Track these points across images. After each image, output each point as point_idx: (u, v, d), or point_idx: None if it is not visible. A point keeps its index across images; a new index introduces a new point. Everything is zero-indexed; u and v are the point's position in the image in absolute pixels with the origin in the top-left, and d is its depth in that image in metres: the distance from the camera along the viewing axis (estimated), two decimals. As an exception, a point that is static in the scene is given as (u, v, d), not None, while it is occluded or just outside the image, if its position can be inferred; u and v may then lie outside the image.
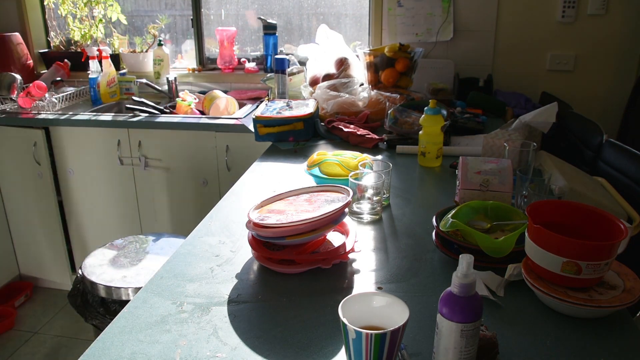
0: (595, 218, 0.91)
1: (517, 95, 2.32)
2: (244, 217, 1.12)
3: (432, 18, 2.47)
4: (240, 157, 2.20)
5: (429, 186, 1.50)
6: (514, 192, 1.19)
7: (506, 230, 1.07)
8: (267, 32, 2.65)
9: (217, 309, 0.88)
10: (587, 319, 0.84)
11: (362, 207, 1.22)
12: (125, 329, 0.83)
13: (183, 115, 2.37)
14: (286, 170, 1.58)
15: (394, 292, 0.93)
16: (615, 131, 2.39)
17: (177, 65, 2.92)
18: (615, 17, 2.32)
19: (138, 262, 1.60)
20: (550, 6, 2.36)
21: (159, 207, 2.38)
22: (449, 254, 1.03)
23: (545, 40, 2.41)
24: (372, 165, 1.34)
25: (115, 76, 2.64)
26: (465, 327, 0.66)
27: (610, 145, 1.65)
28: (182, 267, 1.02)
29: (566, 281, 0.84)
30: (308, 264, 0.99)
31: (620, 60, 2.38)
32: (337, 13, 2.73)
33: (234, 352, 0.77)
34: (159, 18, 2.83)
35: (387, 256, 1.06)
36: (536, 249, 0.86)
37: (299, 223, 0.96)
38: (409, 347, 0.78)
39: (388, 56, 2.25)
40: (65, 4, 2.84)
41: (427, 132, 1.56)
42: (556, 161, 1.54)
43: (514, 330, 0.82)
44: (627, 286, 0.86)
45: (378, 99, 2.07)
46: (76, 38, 2.89)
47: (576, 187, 1.34)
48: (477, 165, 1.22)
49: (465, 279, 0.66)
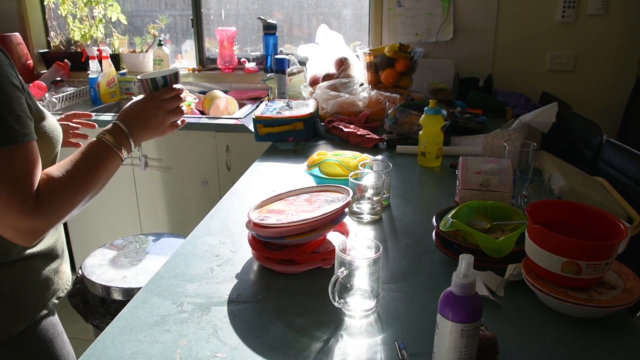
0: (595, 218, 0.91)
1: (517, 95, 2.32)
2: (244, 217, 1.12)
3: (432, 18, 2.47)
4: (240, 157, 2.20)
5: (429, 186, 1.50)
6: (514, 192, 1.19)
7: (506, 230, 1.07)
8: (267, 32, 2.65)
9: (217, 309, 0.88)
10: (587, 319, 0.84)
11: (362, 207, 1.22)
12: (125, 329, 0.83)
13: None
14: (286, 170, 1.58)
15: (394, 292, 0.93)
16: (615, 131, 2.39)
17: (177, 65, 2.92)
18: (615, 17, 2.32)
19: (138, 262, 1.60)
20: (550, 6, 2.36)
21: (159, 207, 2.38)
22: (449, 254, 1.03)
23: (545, 40, 2.41)
24: (372, 165, 1.34)
25: (115, 76, 2.64)
26: (465, 327, 0.66)
27: (610, 145, 1.65)
28: (182, 267, 1.02)
29: (566, 281, 0.84)
30: (308, 264, 0.99)
31: (620, 60, 2.38)
32: (337, 13, 2.73)
33: (234, 352, 0.77)
34: (159, 18, 2.83)
35: (387, 256, 1.06)
36: (536, 249, 0.86)
37: (299, 223, 0.96)
38: (409, 347, 0.78)
39: (388, 56, 2.25)
40: (65, 4, 2.83)
41: (427, 132, 1.56)
42: (556, 161, 1.55)
43: (514, 330, 0.82)
44: (627, 286, 0.86)
45: (378, 99, 2.07)
46: (76, 38, 2.89)
47: (576, 187, 1.35)
48: (477, 165, 1.22)
49: (465, 279, 0.66)
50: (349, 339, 0.81)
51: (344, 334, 0.82)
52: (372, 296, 0.86)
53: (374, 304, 0.87)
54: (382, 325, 0.84)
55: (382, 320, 0.85)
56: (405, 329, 0.83)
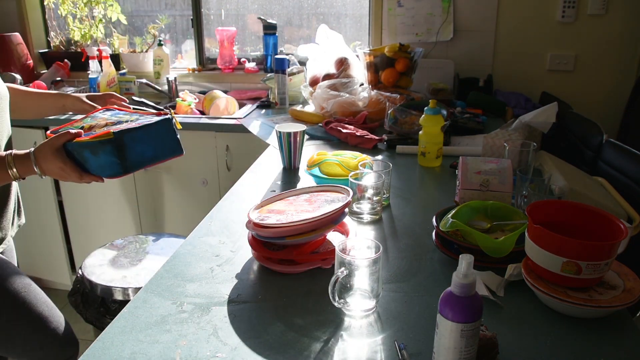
0: (595, 218, 0.91)
1: (517, 95, 2.32)
2: (244, 217, 1.12)
3: (432, 18, 2.47)
4: (240, 157, 2.20)
5: (429, 186, 1.50)
6: (514, 192, 1.19)
7: (506, 230, 1.07)
8: (267, 32, 2.65)
9: (217, 309, 0.88)
10: (587, 319, 0.84)
11: (362, 207, 1.22)
12: (125, 329, 0.83)
13: (183, 115, 2.37)
14: (286, 170, 1.58)
15: (394, 292, 0.93)
16: (615, 131, 2.39)
17: (177, 65, 2.92)
18: (615, 17, 2.32)
19: (138, 262, 1.60)
20: (550, 6, 2.36)
21: (159, 207, 2.38)
22: (449, 254, 1.03)
23: (545, 40, 2.41)
24: (372, 165, 1.34)
25: (115, 76, 2.64)
26: (465, 327, 0.66)
27: (610, 145, 1.65)
28: (182, 267, 1.02)
29: (566, 281, 0.84)
30: (308, 264, 0.99)
31: (620, 60, 2.38)
32: (337, 13, 2.73)
33: (234, 352, 0.77)
34: (159, 18, 2.83)
35: (387, 256, 1.06)
36: (536, 249, 0.86)
37: (299, 223, 0.96)
38: (409, 347, 0.78)
39: (388, 56, 2.25)
40: (65, 4, 2.83)
41: (427, 132, 1.56)
42: (556, 161, 1.54)
43: (514, 330, 0.82)
44: (627, 286, 0.86)
45: (378, 99, 2.07)
46: (76, 38, 2.89)
47: (576, 187, 1.34)
48: (477, 165, 1.22)
49: (465, 279, 0.66)
50: (349, 339, 0.81)
51: (344, 334, 0.82)
52: (372, 296, 0.86)
53: (374, 304, 0.87)
54: (382, 325, 0.84)
55: (382, 320, 0.85)
56: (405, 329, 0.83)
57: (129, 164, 1.02)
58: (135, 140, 1.01)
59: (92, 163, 1.02)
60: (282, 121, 2.15)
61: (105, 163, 1.01)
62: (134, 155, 1.02)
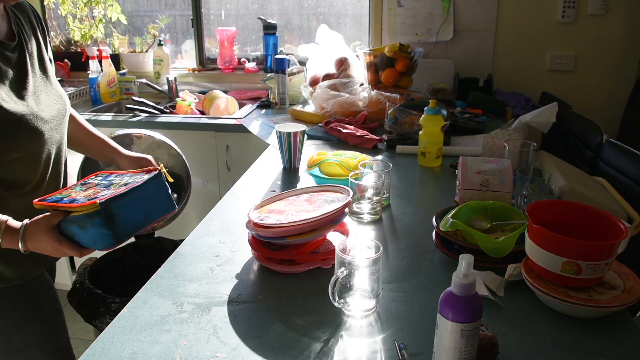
0: (595, 218, 0.91)
1: (517, 95, 2.32)
2: (244, 217, 1.12)
3: (432, 18, 2.47)
4: (240, 157, 2.20)
5: (429, 186, 1.50)
6: (514, 192, 1.19)
7: (506, 230, 1.07)
8: (267, 32, 2.65)
9: (217, 309, 0.88)
10: (587, 319, 0.84)
11: (362, 207, 1.22)
12: (125, 329, 0.83)
13: (183, 115, 2.37)
14: (286, 170, 1.58)
15: (394, 292, 0.93)
16: (615, 131, 2.39)
17: (177, 65, 2.92)
18: (615, 17, 2.32)
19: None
20: (550, 6, 2.36)
21: (159, 207, 2.37)
22: (449, 254, 1.03)
23: (545, 40, 2.41)
24: (372, 165, 1.34)
25: (115, 76, 2.64)
26: (465, 327, 0.66)
27: (610, 145, 1.65)
28: (182, 267, 1.02)
29: (566, 281, 0.84)
30: (308, 264, 0.99)
31: (620, 60, 2.38)
32: (337, 13, 2.73)
33: (234, 352, 0.77)
34: (159, 18, 2.83)
35: (387, 256, 1.06)
36: (536, 249, 0.86)
37: (299, 223, 0.96)
38: (409, 347, 0.78)
39: (388, 56, 2.25)
40: (65, 4, 2.83)
41: (427, 132, 1.56)
42: (556, 161, 1.54)
43: (514, 330, 0.82)
44: (627, 286, 0.86)
45: (378, 99, 2.07)
46: (76, 38, 2.89)
47: (576, 187, 1.34)
48: (477, 165, 1.22)
49: (465, 279, 0.66)
50: (349, 339, 0.81)
51: (344, 334, 0.82)
52: (372, 296, 0.86)
53: (374, 304, 0.87)
54: (382, 325, 0.84)
55: (382, 320, 0.85)
56: (405, 329, 0.83)
57: (121, 233, 0.93)
58: (124, 207, 0.93)
59: (82, 237, 0.92)
60: (282, 121, 2.15)
61: (96, 236, 0.91)
62: (125, 223, 0.93)
